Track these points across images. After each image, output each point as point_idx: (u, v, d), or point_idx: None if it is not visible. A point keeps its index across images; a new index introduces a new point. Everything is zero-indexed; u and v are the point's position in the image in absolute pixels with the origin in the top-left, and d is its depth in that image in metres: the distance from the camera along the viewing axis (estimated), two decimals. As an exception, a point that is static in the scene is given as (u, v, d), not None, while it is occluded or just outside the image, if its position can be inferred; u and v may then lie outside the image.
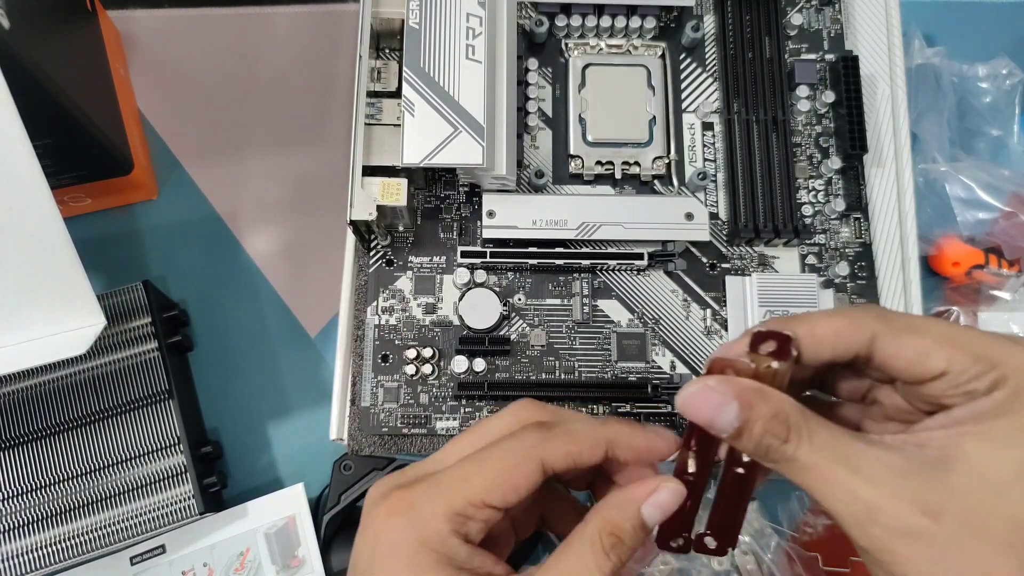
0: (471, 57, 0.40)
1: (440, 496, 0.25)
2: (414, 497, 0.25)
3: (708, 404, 0.25)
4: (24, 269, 0.38)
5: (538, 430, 0.26)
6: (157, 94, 0.57)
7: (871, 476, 0.22)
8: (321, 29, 0.59)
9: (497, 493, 0.25)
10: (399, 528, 0.25)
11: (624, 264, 0.43)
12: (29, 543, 0.45)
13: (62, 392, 0.47)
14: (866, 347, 0.24)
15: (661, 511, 0.26)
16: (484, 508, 0.25)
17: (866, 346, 0.24)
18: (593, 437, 0.26)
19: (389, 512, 0.25)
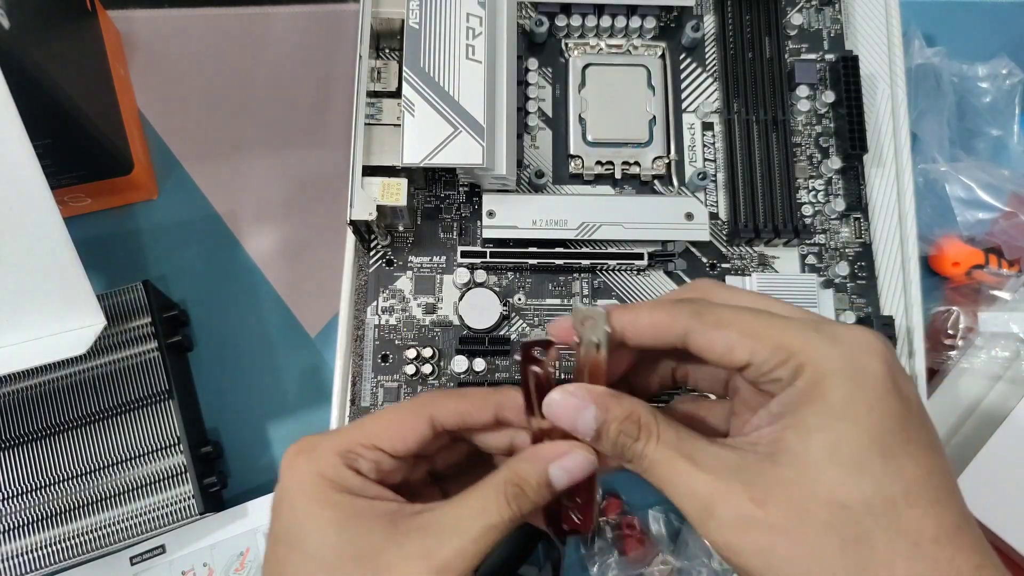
0: (471, 57, 0.40)
1: (336, 438, 0.28)
2: (315, 441, 0.28)
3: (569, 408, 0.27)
4: (24, 269, 0.38)
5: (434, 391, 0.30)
6: (157, 94, 0.57)
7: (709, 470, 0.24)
8: (321, 29, 0.59)
9: (385, 439, 0.28)
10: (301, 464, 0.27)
11: (624, 264, 0.43)
12: (29, 543, 0.45)
13: (62, 392, 0.47)
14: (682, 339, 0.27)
15: (568, 473, 0.27)
16: (373, 450, 0.28)
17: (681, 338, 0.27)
18: (483, 398, 0.29)
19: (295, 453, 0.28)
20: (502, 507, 0.26)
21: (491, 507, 0.26)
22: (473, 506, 0.26)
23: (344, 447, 0.28)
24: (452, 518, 0.26)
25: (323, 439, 0.28)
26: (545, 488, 0.27)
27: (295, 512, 0.27)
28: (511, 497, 0.26)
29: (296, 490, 0.27)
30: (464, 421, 0.29)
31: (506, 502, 0.26)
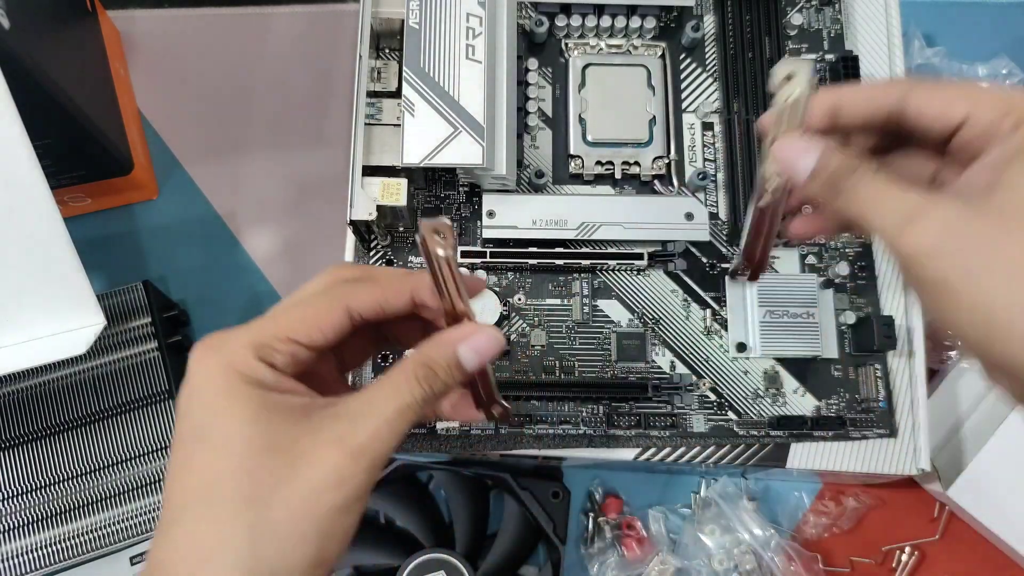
0: (471, 57, 0.40)
1: (249, 331, 0.27)
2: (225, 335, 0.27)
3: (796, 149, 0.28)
4: (24, 269, 0.38)
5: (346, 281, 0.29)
6: (157, 94, 0.57)
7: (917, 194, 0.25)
8: (321, 29, 0.59)
9: (302, 331, 0.27)
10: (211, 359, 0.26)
11: (624, 264, 0.43)
12: (29, 543, 0.45)
13: (62, 392, 0.47)
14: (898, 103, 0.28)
15: (477, 354, 0.28)
16: (288, 343, 0.27)
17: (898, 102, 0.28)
18: (397, 283, 0.29)
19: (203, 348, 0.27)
20: (414, 388, 0.26)
21: (403, 389, 0.26)
22: (385, 390, 0.26)
23: (258, 340, 0.27)
24: (365, 403, 0.26)
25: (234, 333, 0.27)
26: (456, 369, 0.28)
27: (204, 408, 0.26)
28: (422, 378, 0.27)
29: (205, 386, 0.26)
30: (381, 309, 0.28)
31: (417, 383, 0.27)
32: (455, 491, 0.48)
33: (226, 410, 0.25)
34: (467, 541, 0.47)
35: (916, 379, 0.43)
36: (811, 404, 0.43)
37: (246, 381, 0.26)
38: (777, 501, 0.51)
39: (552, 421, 0.42)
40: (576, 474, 0.51)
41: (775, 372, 0.43)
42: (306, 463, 0.25)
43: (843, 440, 0.42)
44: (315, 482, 0.25)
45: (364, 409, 0.26)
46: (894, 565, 0.50)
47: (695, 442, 0.42)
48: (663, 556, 0.49)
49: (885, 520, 0.51)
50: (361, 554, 0.48)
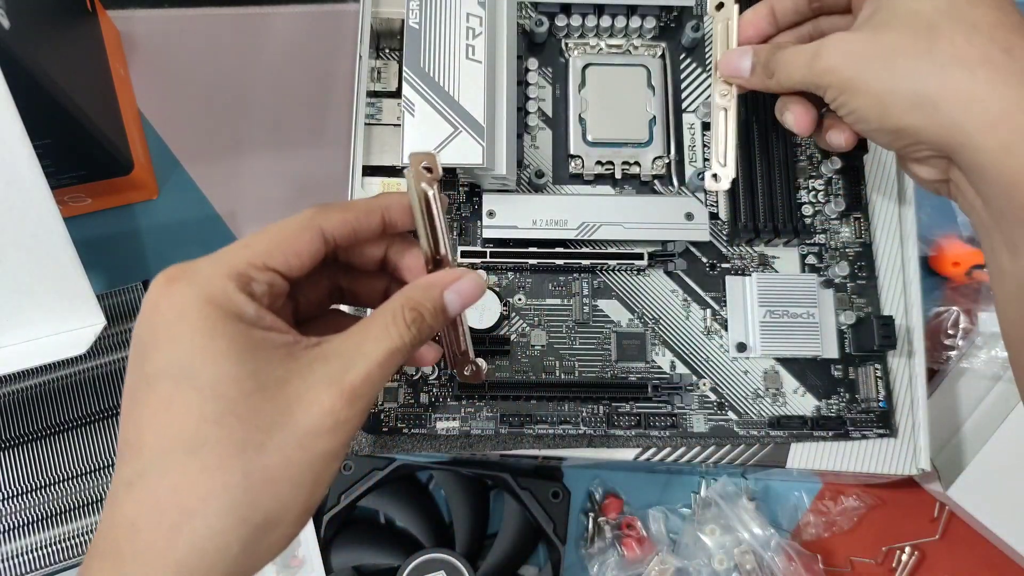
0: (471, 57, 0.40)
1: (221, 260, 0.25)
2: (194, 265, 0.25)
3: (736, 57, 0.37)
4: (24, 269, 0.38)
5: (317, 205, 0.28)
6: (157, 94, 0.57)
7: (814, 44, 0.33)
8: (321, 29, 0.59)
9: (279, 256, 0.26)
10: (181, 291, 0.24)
11: (624, 264, 0.43)
12: (29, 543, 0.45)
13: (62, 392, 0.47)
14: None
15: (461, 297, 0.28)
16: (266, 271, 0.26)
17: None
18: (368, 205, 0.28)
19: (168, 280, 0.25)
20: (403, 331, 0.26)
21: (393, 332, 0.26)
22: (374, 332, 0.26)
23: (236, 269, 0.25)
24: (355, 345, 0.25)
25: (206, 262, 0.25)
26: (441, 313, 0.27)
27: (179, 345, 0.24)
28: (410, 322, 0.26)
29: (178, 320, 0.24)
30: (354, 231, 0.28)
31: (406, 326, 0.26)
32: (455, 491, 0.48)
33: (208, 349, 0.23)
34: (467, 541, 0.47)
35: (916, 379, 0.43)
36: (811, 404, 0.43)
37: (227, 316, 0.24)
38: (777, 501, 0.51)
39: (552, 421, 0.42)
40: (576, 474, 0.51)
41: (775, 372, 0.43)
42: (300, 407, 0.24)
43: (843, 440, 0.42)
44: (310, 427, 0.24)
45: (354, 351, 0.25)
46: (894, 565, 0.50)
47: (695, 442, 0.42)
48: (663, 556, 0.49)
49: (885, 520, 0.51)
50: (361, 554, 0.48)
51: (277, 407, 0.24)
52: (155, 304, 0.25)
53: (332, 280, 0.31)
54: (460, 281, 0.28)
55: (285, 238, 0.26)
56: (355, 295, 0.31)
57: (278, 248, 0.26)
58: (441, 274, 0.28)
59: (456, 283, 0.28)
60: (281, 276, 0.26)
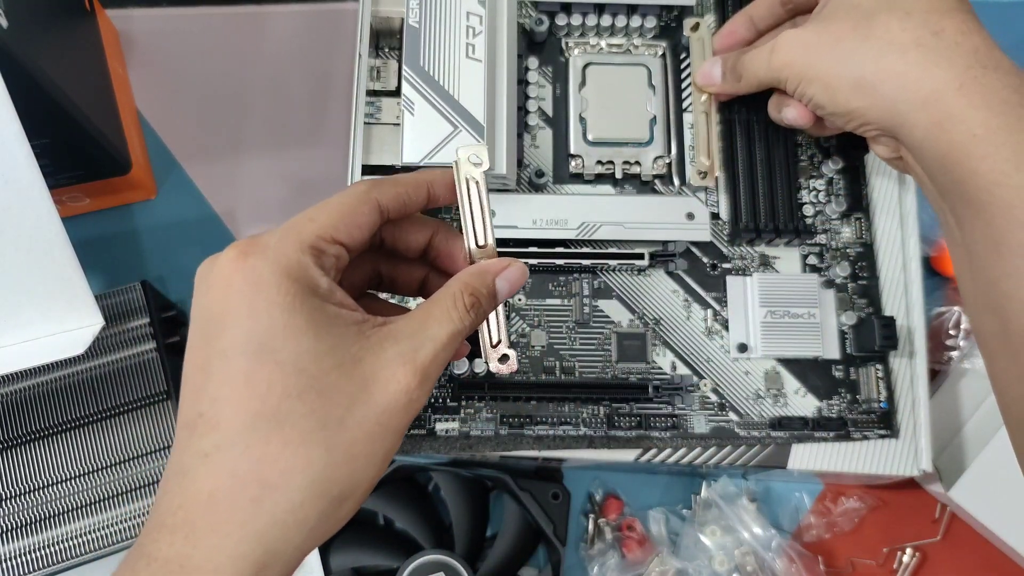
0: (471, 56, 0.40)
1: (292, 233, 0.25)
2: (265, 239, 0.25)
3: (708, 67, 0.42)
4: (22, 269, 0.38)
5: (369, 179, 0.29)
6: (155, 93, 0.57)
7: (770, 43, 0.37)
8: (320, 28, 0.59)
9: (344, 229, 0.26)
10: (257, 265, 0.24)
11: (625, 264, 0.43)
12: (28, 544, 0.45)
13: (60, 393, 0.47)
14: None
15: (510, 284, 0.29)
16: (334, 243, 0.26)
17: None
18: (415, 179, 0.29)
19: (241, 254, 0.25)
20: (463, 315, 0.27)
21: (454, 315, 0.27)
22: (438, 315, 0.27)
23: (308, 242, 0.25)
24: (419, 326, 0.26)
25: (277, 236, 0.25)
26: (493, 299, 0.29)
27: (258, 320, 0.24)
28: (469, 306, 0.27)
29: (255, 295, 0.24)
30: (404, 204, 0.29)
31: (466, 311, 0.27)
32: (455, 492, 0.48)
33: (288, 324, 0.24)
34: (467, 543, 0.47)
35: (917, 380, 0.43)
36: (812, 405, 0.43)
37: (304, 290, 0.24)
38: (778, 502, 0.51)
39: (552, 422, 0.42)
40: (576, 475, 0.51)
41: (776, 373, 0.43)
42: (376, 384, 0.24)
43: (844, 441, 0.42)
44: (387, 404, 0.24)
45: (421, 332, 0.26)
46: (895, 566, 0.50)
47: (696, 443, 0.42)
48: (663, 557, 0.49)
49: (886, 521, 0.51)
50: (360, 555, 0.48)
51: (355, 384, 0.24)
52: (228, 278, 0.24)
53: (374, 265, 0.31)
54: (509, 269, 0.29)
55: (348, 210, 0.27)
56: (393, 282, 0.32)
57: (342, 221, 0.26)
58: (493, 262, 0.29)
59: (506, 270, 0.29)
60: (345, 250, 0.27)
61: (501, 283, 0.29)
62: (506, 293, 0.29)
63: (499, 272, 0.29)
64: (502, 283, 0.29)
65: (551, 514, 0.47)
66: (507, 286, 0.29)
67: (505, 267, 0.29)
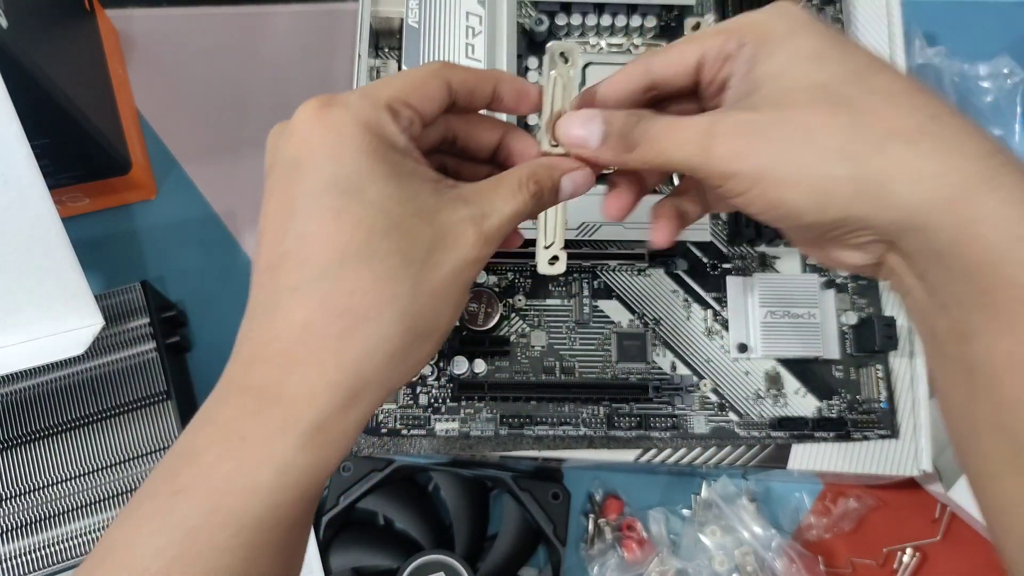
0: (471, 56, 0.40)
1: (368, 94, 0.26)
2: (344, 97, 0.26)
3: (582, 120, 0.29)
4: (22, 269, 0.38)
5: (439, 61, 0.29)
6: (155, 93, 0.57)
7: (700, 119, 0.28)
8: (320, 28, 0.59)
9: (417, 97, 0.27)
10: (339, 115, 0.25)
11: (625, 264, 0.43)
12: (28, 544, 0.45)
13: (61, 393, 0.47)
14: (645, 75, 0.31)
15: (575, 185, 0.30)
16: (407, 107, 0.27)
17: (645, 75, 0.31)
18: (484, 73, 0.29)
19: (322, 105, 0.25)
20: (527, 198, 0.28)
21: (519, 196, 0.28)
22: (504, 192, 0.28)
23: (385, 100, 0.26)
24: (487, 197, 0.27)
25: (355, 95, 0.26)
26: (555, 194, 0.29)
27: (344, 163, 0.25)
28: (532, 193, 0.28)
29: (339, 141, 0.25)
30: (472, 92, 0.29)
31: (529, 195, 0.28)
32: (455, 493, 0.48)
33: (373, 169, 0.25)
34: (467, 543, 0.47)
35: (918, 380, 0.43)
36: (812, 405, 0.43)
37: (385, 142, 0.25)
38: (778, 502, 0.51)
39: (552, 422, 0.42)
40: (576, 475, 0.51)
41: (776, 373, 0.43)
42: (451, 235, 0.26)
43: (844, 441, 0.42)
44: (459, 256, 0.26)
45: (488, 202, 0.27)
46: (895, 566, 0.50)
47: (696, 443, 0.42)
48: (663, 557, 0.49)
49: (886, 521, 0.51)
50: (361, 555, 0.48)
51: (434, 231, 0.25)
52: (310, 126, 0.25)
53: (440, 161, 0.31)
54: (578, 171, 0.30)
55: (420, 82, 0.27)
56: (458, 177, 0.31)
57: (416, 90, 0.27)
58: (563, 159, 0.30)
59: (574, 171, 0.30)
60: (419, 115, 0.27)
61: (566, 182, 0.29)
62: (569, 193, 0.30)
63: (567, 170, 0.30)
64: (567, 182, 0.29)
65: (551, 514, 0.47)
66: (571, 186, 0.30)
67: (573, 167, 0.30)
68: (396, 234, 0.24)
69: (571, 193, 0.30)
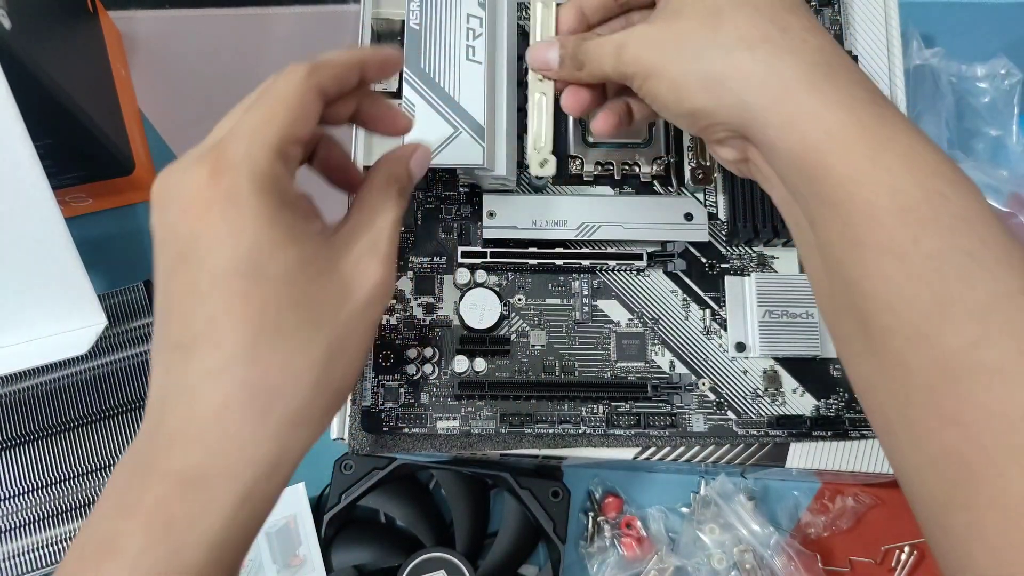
0: (471, 58, 0.40)
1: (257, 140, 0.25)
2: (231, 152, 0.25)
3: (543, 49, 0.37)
4: (25, 269, 0.38)
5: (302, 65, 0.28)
6: (158, 94, 0.57)
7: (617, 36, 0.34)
8: (322, 30, 0.59)
9: (301, 124, 0.27)
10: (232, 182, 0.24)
11: (624, 264, 0.44)
12: (28, 543, 0.45)
13: (63, 392, 0.47)
14: None
15: (420, 167, 0.32)
16: (295, 143, 0.26)
17: None
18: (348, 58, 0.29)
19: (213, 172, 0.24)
20: (396, 201, 0.29)
21: (389, 204, 0.29)
22: (376, 208, 0.29)
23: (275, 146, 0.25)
24: (368, 220, 0.28)
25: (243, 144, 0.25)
26: (411, 181, 0.31)
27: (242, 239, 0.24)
28: (398, 193, 0.30)
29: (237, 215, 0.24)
30: (341, 85, 0.29)
31: (398, 196, 0.30)
32: (455, 490, 0.48)
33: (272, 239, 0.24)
34: (467, 540, 0.47)
35: (915, 379, 0.43)
36: (810, 404, 0.43)
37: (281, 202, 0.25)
38: (776, 500, 0.51)
39: (552, 421, 0.42)
40: (576, 473, 0.51)
41: (774, 372, 0.43)
42: (355, 281, 0.27)
43: (842, 440, 0.43)
44: (367, 297, 0.27)
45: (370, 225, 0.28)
46: (893, 564, 0.50)
47: (694, 442, 0.42)
48: (662, 555, 0.49)
49: (884, 519, 0.51)
50: (362, 553, 0.48)
51: (339, 285, 0.26)
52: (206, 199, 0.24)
53: None
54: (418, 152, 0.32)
55: (299, 103, 0.27)
56: None
57: (299, 116, 0.26)
58: (403, 149, 0.32)
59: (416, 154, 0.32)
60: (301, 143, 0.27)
61: (414, 165, 0.31)
62: (419, 173, 0.32)
63: (411, 156, 0.31)
64: (414, 165, 0.31)
65: (551, 512, 0.47)
66: (418, 167, 0.32)
67: (415, 150, 0.32)
68: (303, 303, 0.25)
69: (420, 172, 0.32)
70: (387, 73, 0.32)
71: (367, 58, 0.30)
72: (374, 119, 0.32)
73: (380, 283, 0.27)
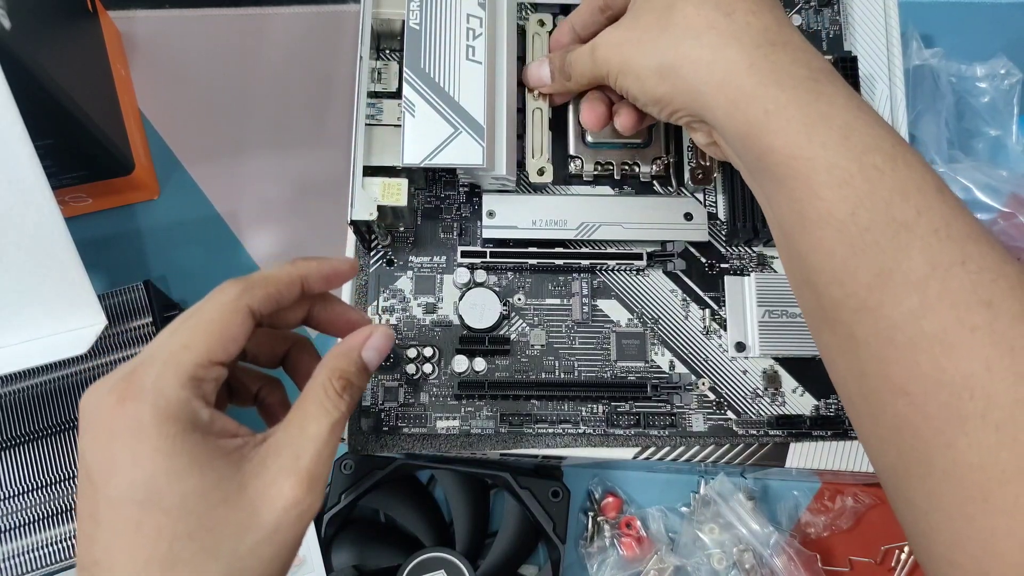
0: (471, 58, 0.40)
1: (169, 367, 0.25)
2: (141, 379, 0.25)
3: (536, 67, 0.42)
4: (25, 269, 0.38)
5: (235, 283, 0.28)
6: (158, 94, 0.57)
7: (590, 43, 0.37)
8: (322, 30, 0.59)
9: (220, 348, 0.26)
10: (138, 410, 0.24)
11: (623, 264, 0.44)
12: (28, 543, 0.45)
13: (63, 392, 0.47)
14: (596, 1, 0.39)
15: (378, 352, 0.30)
16: (212, 367, 0.26)
17: None
18: (287, 276, 0.29)
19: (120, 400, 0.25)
20: (337, 402, 0.28)
21: (328, 406, 0.27)
22: (312, 412, 0.27)
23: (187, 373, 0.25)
24: (298, 430, 0.27)
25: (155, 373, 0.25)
26: (365, 372, 0.29)
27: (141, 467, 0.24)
28: (341, 391, 0.28)
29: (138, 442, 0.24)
30: (277, 304, 0.29)
31: (339, 396, 0.28)
32: (455, 490, 0.48)
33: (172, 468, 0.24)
34: (467, 540, 0.47)
35: (914, 379, 0.44)
36: (810, 403, 0.43)
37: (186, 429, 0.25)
38: (776, 500, 0.51)
39: (552, 421, 0.42)
40: (576, 473, 0.51)
41: (774, 372, 0.43)
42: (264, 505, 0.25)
43: (842, 439, 0.43)
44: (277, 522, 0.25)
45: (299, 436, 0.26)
46: (893, 564, 0.50)
47: (694, 441, 0.42)
48: (662, 555, 0.49)
49: (884, 519, 0.51)
50: (362, 553, 0.48)
51: (243, 512, 0.25)
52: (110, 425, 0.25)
53: None
54: (373, 337, 0.30)
55: (222, 327, 0.26)
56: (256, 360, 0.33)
57: (219, 341, 0.26)
58: (353, 337, 0.30)
59: (370, 340, 0.30)
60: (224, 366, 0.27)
61: (369, 353, 0.30)
62: (377, 360, 0.30)
63: (363, 343, 0.30)
64: (370, 352, 0.30)
65: (551, 512, 0.47)
66: (375, 355, 0.30)
67: (367, 337, 0.30)
68: (200, 533, 0.24)
69: (378, 359, 0.30)
70: (333, 285, 0.31)
71: (310, 272, 0.30)
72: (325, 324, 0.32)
73: (292, 505, 0.25)
